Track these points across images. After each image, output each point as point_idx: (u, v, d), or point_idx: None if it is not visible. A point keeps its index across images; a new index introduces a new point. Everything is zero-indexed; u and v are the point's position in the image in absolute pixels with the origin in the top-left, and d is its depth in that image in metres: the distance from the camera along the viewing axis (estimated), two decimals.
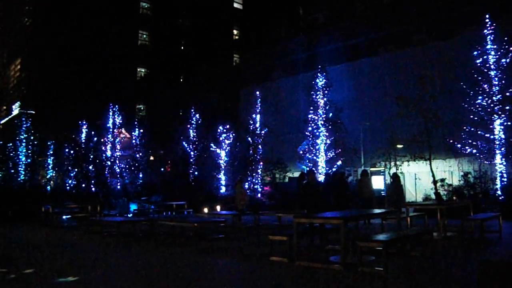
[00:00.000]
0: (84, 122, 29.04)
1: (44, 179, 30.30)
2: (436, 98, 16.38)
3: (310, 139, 20.66)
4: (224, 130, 23.57)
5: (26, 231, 14.41)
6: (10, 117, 42.98)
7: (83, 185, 27.63)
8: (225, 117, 25.06)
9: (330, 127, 20.40)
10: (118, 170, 26.97)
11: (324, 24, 36.59)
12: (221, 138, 23.55)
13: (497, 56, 15.77)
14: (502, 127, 15.55)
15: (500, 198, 15.12)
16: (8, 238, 12.63)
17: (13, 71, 49.89)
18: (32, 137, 28.65)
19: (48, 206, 17.28)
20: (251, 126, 22.85)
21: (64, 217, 17.04)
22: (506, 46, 15.64)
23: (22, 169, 28.97)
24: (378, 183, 19.11)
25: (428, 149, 16.87)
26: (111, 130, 27.80)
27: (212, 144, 23.80)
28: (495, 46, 15.86)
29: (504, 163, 15.55)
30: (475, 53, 15.98)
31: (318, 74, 21.05)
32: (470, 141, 15.94)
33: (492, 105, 15.63)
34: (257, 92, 23.35)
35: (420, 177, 19.52)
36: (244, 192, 15.65)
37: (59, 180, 29.68)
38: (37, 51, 40.03)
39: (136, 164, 26.68)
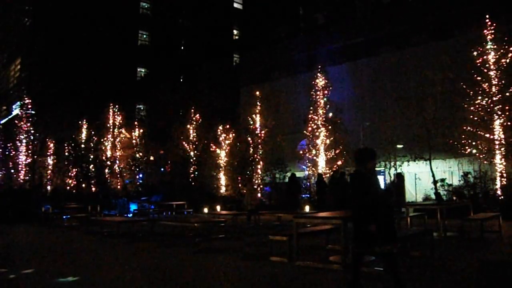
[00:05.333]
0: (84, 122, 29.05)
1: (44, 179, 30.28)
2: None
3: (310, 139, 20.68)
4: (224, 130, 23.58)
5: (26, 231, 14.41)
6: (10, 117, 42.95)
7: (83, 185, 27.63)
8: (225, 117, 25.06)
9: (330, 127, 20.40)
10: (118, 170, 26.98)
11: (324, 24, 36.63)
12: (221, 138, 23.56)
13: (497, 56, 15.77)
14: (502, 127, 15.56)
15: (500, 198, 15.13)
16: (8, 238, 12.62)
17: (13, 71, 49.88)
18: (32, 137, 28.62)
19: (48, 206, 17.28)
20: (251, 126, 22.84)
21: (64, 217, 17.04)
22: (506, 46, 15.64)
23: (22, 169, 28.96)
24: None
25: (428, 149, 16.87)
26: (111, 130, 27.83)
27: (212, 144, 23.81)
28: (495, 46, 15.86)
29: (504, 163, 15.55)
30: (475, 53, 15.98)
31: (318, 74, 21.06)
32: (470, 141, 15.94)
33: (492, 105, 15.63)
34: (257, 92, 23.35)
35: (420, 177, 19.51)
36: (255, 191, 15.58)
37: (59, 180, 29.65)
38: (37, 51, 40.01)
39: (136, 164, 26.68)
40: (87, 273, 6.88)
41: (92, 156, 27.87)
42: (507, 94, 15.43)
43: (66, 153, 29.02)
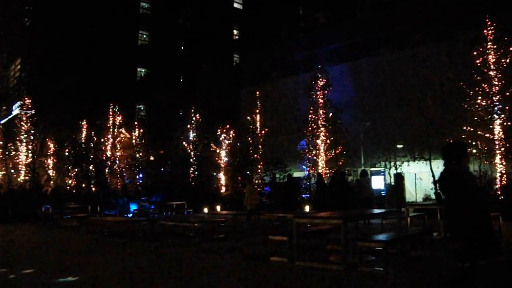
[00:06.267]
0: (84, 122, 29.06)
1: (44, 179, 30.29)
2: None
3: (310, 139, 20.69)
4: (224, 130, 23.59)
5: (26, 231, 14.41)
6: (10, 117, 42.96)
7: (83, 185, 27.63)
8: (225, 117, 25.08)
9: (330, 127, 20.41)
10: (118, 170, 26.98)
11: (324, 24, 36.65)
12: (221, 138, 23.56)
13: (497, 56, 15.77)
14: (502, 127, 15.55)
15: (500, 198, 15.12)
16: (8, 238, 12.62)
17: (13, 71, 49.90)
18: (32, 137, 28.64)
19: (48, 206, 17.28)
20: (251, 126, 22.85)
21: (64, 217, 17.03)
22: (506, 46, 15.64)
23: (22, 169, 28.98)
24: (378, 183, 19.10)
25: (428, 149, 16.87)
26: (111, 130, 27.84)
27: (212, 144, 23.82)
28: (495, 46, 15.86)
29: (504, 163, 15.54)
30: (475, 53, 15.98)
31: (318, 74, 21.07)
32: (470, 141, 15.93)
33: (492, 105, 15.63)
34: (257, 92, 23.35)
35: (420, 177, 19.51)
36: (255, 191, 15.55)
37: (59, 180, 29.66)
38: (37, 51, 40.03)
39: (136, 164, 26.69)
40: (87, 273, 6.88)
41: (92, 156, 27.87)
42: (507, 94, 15.42)
43: (66, 153, 29.03)
